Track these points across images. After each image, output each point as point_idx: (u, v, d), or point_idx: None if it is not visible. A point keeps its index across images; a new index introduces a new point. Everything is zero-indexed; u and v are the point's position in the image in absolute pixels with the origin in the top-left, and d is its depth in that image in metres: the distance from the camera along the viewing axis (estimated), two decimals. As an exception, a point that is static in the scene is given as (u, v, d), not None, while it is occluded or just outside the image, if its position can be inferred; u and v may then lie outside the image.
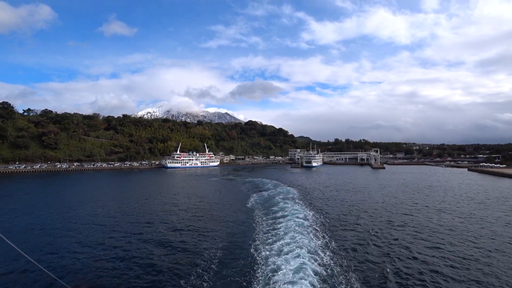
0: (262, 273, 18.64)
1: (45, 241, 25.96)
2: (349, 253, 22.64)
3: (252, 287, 17.03)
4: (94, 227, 30.80)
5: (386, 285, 17.53)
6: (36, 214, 36.56)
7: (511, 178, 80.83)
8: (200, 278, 18.28)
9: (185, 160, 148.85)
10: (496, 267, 20.10)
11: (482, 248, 23.95)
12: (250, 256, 21.66)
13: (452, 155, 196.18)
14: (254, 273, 18.75)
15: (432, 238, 26.48)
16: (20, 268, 19.78)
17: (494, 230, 29.17)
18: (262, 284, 17.13)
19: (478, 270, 19.59)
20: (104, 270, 19.81)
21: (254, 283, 17.35)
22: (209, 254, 22.23)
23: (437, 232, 28.51)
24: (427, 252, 22.90)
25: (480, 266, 20.22)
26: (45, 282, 17.70)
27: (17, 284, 17.88)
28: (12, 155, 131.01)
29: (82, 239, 26.50)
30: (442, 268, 19.93)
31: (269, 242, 24.52)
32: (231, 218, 34.72)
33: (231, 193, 56.64)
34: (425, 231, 28.67)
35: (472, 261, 21.19)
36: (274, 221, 31.20)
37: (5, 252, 21.81)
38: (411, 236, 27.26)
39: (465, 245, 24.72)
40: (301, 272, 18.06)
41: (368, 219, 34.24)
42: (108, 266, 20.49)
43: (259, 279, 17.81)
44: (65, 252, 23.22)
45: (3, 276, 18.86)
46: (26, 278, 18.54)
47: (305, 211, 36.48)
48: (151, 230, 29.59)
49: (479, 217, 35.03)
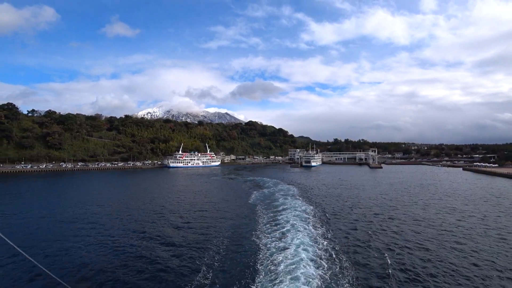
0: (264, 258, 21.32)
1: (46, 241, 25.92)
2: (343, 240, 25.65)
3: (256, 272, 19.38)
4: (98, 225, 31.08)
5: (374, 264, 20.54)
6: (39, 213, 36.99)
7: (501, 177, 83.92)
8: (210, 266, 20.98)
9: (187, 160, 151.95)
10: (467, 253, 23.20)
11: (449, 231, 27.03)
12: (253, 243, 24.65)
13: (449, 155, 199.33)
14: (257, 258, 21.52)
15: (414, 228, 29.55)
16: (20, 268, 19.75)
17: (466, 222, 32.25)
18: (265, 270, 19.32)
19: (450, 250, 22.67)
20: (105, 270, 19.78)
21: (258, 267, 20.16)
22: (216, 243, 25.13)
23: (420, 222, 31.59)
24: (408, 238, 25.98)
25: (451, 245, 23.32)
26: (45, 282, 17.65)
27: (16, 284, 17.79)
28: (18, 155, 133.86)
29: (84, 238, 26.66)
30: (420, 249, 23.01)
31: (270, 231, 27.60)
32: (235, 212, 37.77)
33: (233, 191, 59.68)
34: (410, 222, 31.76)
35: (443, 242, 24.27)
36: (275, 214, 34.30)
37: (5, 252, 21.91)
38: (397, 225, 30.35)
39: (438, 231, 27.80)
40: (301, 257, 20.52)
41: (360, 212, 37.44)
42: (109, 265, 20.51)
43: (263, 263, 20.38)
44: (66, 251, 23.27)
45: (3, 276, 18.76)
46: (26, 278, 18.47)
47: (304, 205, 39.67)
48: (158, 225, 31.79)
49: (459, 210, 38.12)
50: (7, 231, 28.51)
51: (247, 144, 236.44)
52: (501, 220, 33.00)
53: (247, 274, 18.72)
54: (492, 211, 37.83)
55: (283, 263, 19.77)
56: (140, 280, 18.60)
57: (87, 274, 19.29)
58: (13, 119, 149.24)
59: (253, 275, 18.49)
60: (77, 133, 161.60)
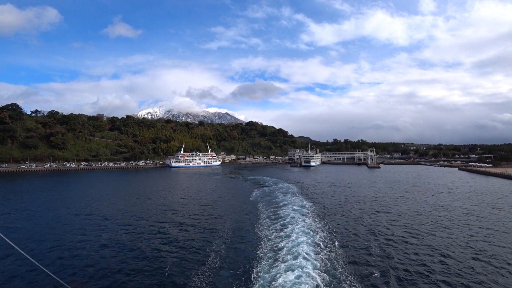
0: (266, 246, 23.63)
1: (47, 240, 25.98)
2: (339, 230, 28.04)
3: (258, 259, 21.68)
4: (102, 225, 31.16)
5: (365, 251, 22.95)
6: (41, 212, 37.43)
7: (494, 176, 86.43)
8: (217, 252, 23.40)
9: (188, 160, 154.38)
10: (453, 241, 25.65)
11: (430, 223, 29.48)
12: (256, 234, 27.02)
13: (447, 155, 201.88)
14: (259, 246, 23.86)
15: (401, 220, 32.01)
16: (19, 268, 19.69)
17: (448, 217, 34.72)
18: (266, 257, 21.55)
19: (434, 238, 25.11)
20: (106, 269, 19.80)
21: (260, 254, 22.52)
22: (222, 234, 27.52)
23: (407, 215, 34.05)
24: (395, 229, 28.45)
25: (432, 236, 25.78)
26: (45, 282, 17.68)
27: (16, 284, 17.74)
28: (22, 155, 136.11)
29: (86, 237, 26.66)
30: (406, 237, 25.45)
31: (271, 223, 30.02)
32: (237, 208, 40.17)
33: (234, 189, 62.10)
34: (396, 214, 34.21)
35: (425, 233, 26.72)
36: (275, 209, 36.74)
37: (5, 251, 21.93)
38: (389, 218, 32.77)
39: (423, 223, 30.25)
40: (300, 247, 22.62)
41: (356, 206, 40.09)
42: (110, 264, 20.56)
43: (265, 251, 22.67)
44: (67, 251, 23.27)
45: (2, 276, 18.70)
46: (25, 278, 18.40)
47: (302, 201, 42.16)
48: (165, 220, 33.97)
49: (446, 206, 40.58)
50: (8, 231, 28.53)
51: (248, 144, 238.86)
52: (483, 215, 35.45)
53: (251, 260, 21.06)
54: (476, 207, 40.32)
55: (284, 250, 22.17)
56: (147, 275, 18.79)
57: (88, 273, 19.20)
58: (17, 119, 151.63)
59: (256, 261, 20.81)
60: (80, 133, 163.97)
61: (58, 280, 8.59)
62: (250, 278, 18.05)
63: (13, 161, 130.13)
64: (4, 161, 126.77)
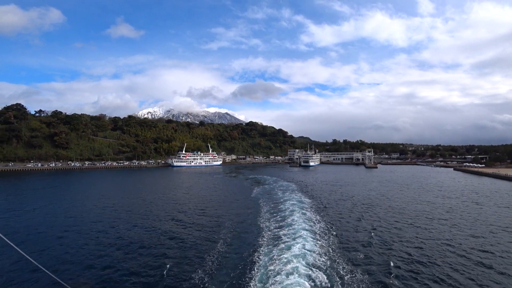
0: (267, 235, 26.50)
1: (47, 239, 26.07)
2: (334, 221, 31.10)
3: (261, 246, 24.64)
4: (104, 224, 31.26)
5: (354, 238, 26.01)
6: (43, 211, 37.58)
7: (486, 176, 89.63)
8: (223, 242, 26.47)
9: (190, 159, 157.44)
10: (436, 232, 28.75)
11: (413, 215, 32.60)
12: (258, 226, 30.07)
13: (444, 156, 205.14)
14: (261, 235, 26.83)
15: (390, 213, 35.14)
16: (19, 268, 19.65)
17: (428, 208, 37.85)
18: (268, 244, 24.47)
19: (423, 230, 28.20)
20: (107, 269, 19.81)
21: (262, 242, 25.45)
22: (227, 225, 30.55)
23: (395, 209, 37.19)
24: (385, 221, 31.55)
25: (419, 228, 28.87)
26: (45, 282, 17.63)
27: (16, 284, 17.70)
28: (27, 154, 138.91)
29: (87, 237, 26.76)
30: (392, 226, 28.53)
31: (272, 216, 33.07)
32: (239, 204, 43.22)
33: (236, 187, 65.17)
34: (386, 208, 37.36)
35: (410, 225, 29.81)
36: (276, 204, 39.86)
37: (5, 251, 21.96)
38: (377, 212, 35.91)
39: (406, 214, 33.38)
40: (299, 234, 25.68)
41: (350, 201, 43.45)
42: (111, 264, 20.59)
43: (266, 239, 25.56)
44: (67, 250, 23.26)
45: (2, 276, 18.67)
46: (25, 278, 18.38)
47: (301, 197, 45.43)
48: (173, 215, 37.07)
49: (432, 202, 43.70)
50: (9, 230, 28.84)
51: (248, 144, 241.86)
52: (464, 210, 38.59)
53: (254, 245, 24.06)
54: (459, 202, 43.48)
55: (283, 237, 25.23)
56: (150, 274, 19.00)
57: (88, 273, 19.18)
58: (21, 119, 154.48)
59: (258, 246, 23.80)
60: (83, 133, 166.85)
61: (58, 280, 8.62)
62: (253, 260, 21.05)
63: (19, 160, 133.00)
64: (9, 160, 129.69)
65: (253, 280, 17.70)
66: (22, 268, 19.65)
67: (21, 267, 19.77)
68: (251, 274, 18.57)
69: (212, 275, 18.70)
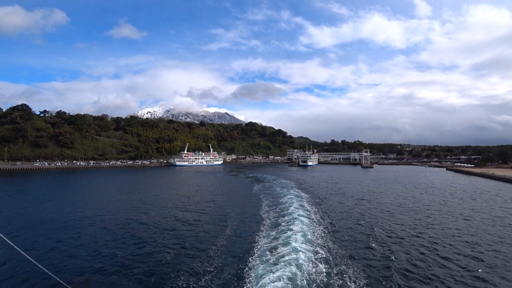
0: (268, 224, 30.74)
1: (47, 239, 26.18)
2: (329, 212, 35.52)
3: (262, 233, 28.91)
4: (106, 223, 31.44)
5: (345, 224, 30.39)
6: (45, 209, 37.93)
7: (475, 175, 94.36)
8: (231, 229, 30.83)
9: (191, 159, 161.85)
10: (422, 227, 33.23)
11: (397, 207, 37.07)
12: (259, 216, 34.40)
13: (439, 156, 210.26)
14: (263, 224, 31.12)
15: (379, 206, 39.63)
16: (19, 268, 19.65)
17: (405, 202, 42.40)
18: (269, 232, 28.87)
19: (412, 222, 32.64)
20: (107, 269, 19.85)
21: (264, 229, 29.79)
22: (232, 215, 34.85)
23: (382, 203, 41.74)
24: (372, 212, 36.04)
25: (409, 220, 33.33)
26: (45, 282, 17.68)
27: (15, 283, 17.73)
28: (33, 154, 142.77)
29: (88, 236, 26.80)
30: (387, 219, 32.97)
31: (272, 209, 37.43)
32: (241, 199, 47.50)
33: (237, 184, 69.53)
34: (375, 202, 41.89)
35: (394, 216, 34.24)
36: (275, 199, 44.30)
37: (4, 251, 21.95)
38: (367, 205, 40.46)
39: (390, 206, 37.88)
40: (296, 220, 30.12)
41: (342, 196, 48.18)
42: (112, 263, 20.63)
43: (267, 227, 29.77)
44: (67, 250, 23.26)
45: (2, 276, 18.70)
46: (25, 278, 18.39)
47: (299, 193, 49.87)
48: (180, 209, 41.53)
49: (417, 197, 48.26)
50: (10, 229, 28.98)
51: (247, 144, 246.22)
52: (446, 204, 43.17)
53: (256, 232, 28.36)
54: (441, 197, 48.10)
55: (283, 224, 29.65)
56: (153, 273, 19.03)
57: (88, 273, 19.24)
58: (27, 119, 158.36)
59: (260, 232, 28.05)
60: (87, 132, 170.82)
61: (58, 280, 8.63)
62: (255, 242, 25.33)
63: (25, 159, 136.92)
64: (16, 159, 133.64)
65: (256, 257, 21.81)
66: (22, 268, 19.54)
67: (21, 267, 19.66)
68: (254, 252, 22.75)
69: (222, 254, 22.91)
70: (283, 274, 17.81)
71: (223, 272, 19.12)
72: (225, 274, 18.72)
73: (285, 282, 16.95)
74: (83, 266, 20.45)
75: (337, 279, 17.97)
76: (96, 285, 17.77)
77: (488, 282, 18.07)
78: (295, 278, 17.57)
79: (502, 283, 17.91)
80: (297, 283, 17.03)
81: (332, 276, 18.30)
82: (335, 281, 17.64)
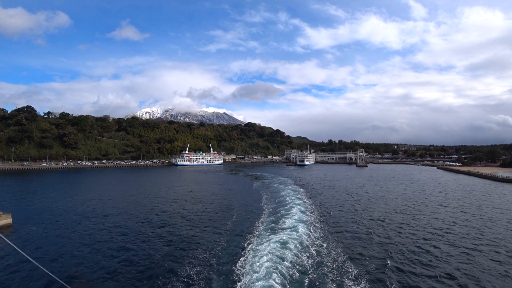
0: (268, 214, 35.88)
1: (47, 238, 26.45)
2: (323, 203, 40.85)
3: (264, 223, 34.26)
4: (107, 223, 31.88)
5: (337, 214, 35.70)
6: (45, 209, 38.41)
7: (462, 173, 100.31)
8: (235, 218, 36.12)
9: (193, 159, 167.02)
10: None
11: (381, 200, 42.51)
12: (260, 208, 39.62)
13: (433, 155, 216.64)
14: (263, 213, 36.30)
15: (369, 200, 45.09)
16: (18, 267, 19.72)
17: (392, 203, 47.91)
18: (270, 221, 34.31)
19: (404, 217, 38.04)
20: (107, 269, 19.93)
21: (265, 219, 35.07)
22: (236, 205, 40.18)
23: (371, 197, 47.20)
24: (362, 207, 41.47)
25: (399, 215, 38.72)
26: (44, 282, 17.71)
27: (16, 284, 17.77)
28: (38, 154, 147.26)
29: (89, 236, 27.00)
30: (375, 210, 38.37)
31: (272, 201, 42.82)
32: (242, 194, 52.75)
33: (238, 182, 74.82)
34: (365, 197, 47.35)
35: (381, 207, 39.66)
36: (274, 194, 49.72)
37: (4, 250, 22.17)
38: (361, 201, 45.84)
39: (375, 200, 43.27)
40: (294, 210, 35.48)
41: (335, 190, 53.52)
42: (113, 263, 20.84)
43: (268, 219, 35.04)
44: (67, 250, 23.40)
45: (2, 276, 18.78)
46: (25, 277, 18.45)
47: (296, 188, 55.40)
48: (186, 202, 47.18)
49: (399, 191, 53.82)
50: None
51: (246, 144, 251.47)
52: (431, 199, 48.76)
53: (257, 222, 33.57)
54: (422, 191, 53.74)
55: (281, 212, 35.03)
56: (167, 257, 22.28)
57: (88, 273, 19.34)
58: (32, 120, 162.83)
59: (260, 222, 33.17)
60: (90, 133, 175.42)
61: (58, 280, 8.65)
62: (256, 229, 30.65)
63: (31, 160, 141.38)
64: (23, 160, 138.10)
65: (256, 235, 27.15)
66: (22, 268, 19.67)
67: (21, 267, 19.80)
68: (254, 232, 28.09)
69: (230, 233, 28.24)
70: (280, 246, 23.27)
71: (229, 246, 24.36)
72: (231, 248, 23.94)
73: (281, 252, 22.19)
74: (83, 266, 20.40)
75: (326, 247, 23.53)
76: (96, 285, 17.64)
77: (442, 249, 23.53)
78: (290, 249, 23.00)
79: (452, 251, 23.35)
80: (293, 252, 22.35)
81: (323, 248, 23.75)
82: (324, 249, 23.09)
